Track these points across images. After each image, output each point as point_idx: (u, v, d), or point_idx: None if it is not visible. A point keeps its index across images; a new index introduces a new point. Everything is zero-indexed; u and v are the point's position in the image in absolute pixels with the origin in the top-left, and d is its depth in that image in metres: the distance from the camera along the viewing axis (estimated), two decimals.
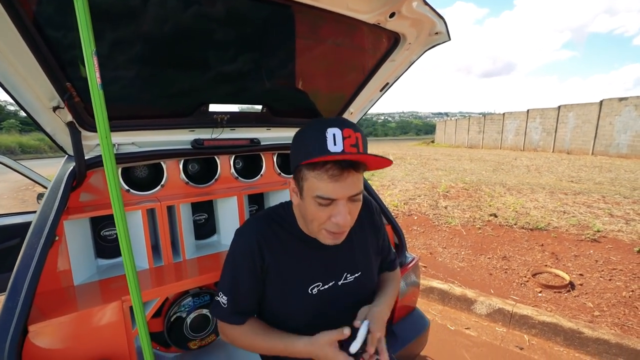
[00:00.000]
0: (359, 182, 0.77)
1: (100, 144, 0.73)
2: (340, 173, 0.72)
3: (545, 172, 8.99)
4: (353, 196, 0.77)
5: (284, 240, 0.91)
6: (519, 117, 19.14)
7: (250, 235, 0.89)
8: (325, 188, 0.74)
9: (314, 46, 1.29)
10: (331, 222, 0.78)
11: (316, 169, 0.74)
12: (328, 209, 0.77)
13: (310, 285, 0.90)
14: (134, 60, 1.03)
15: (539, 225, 3.88)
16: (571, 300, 2.62)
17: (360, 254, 0.99)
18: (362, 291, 0.99)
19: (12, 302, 0.83)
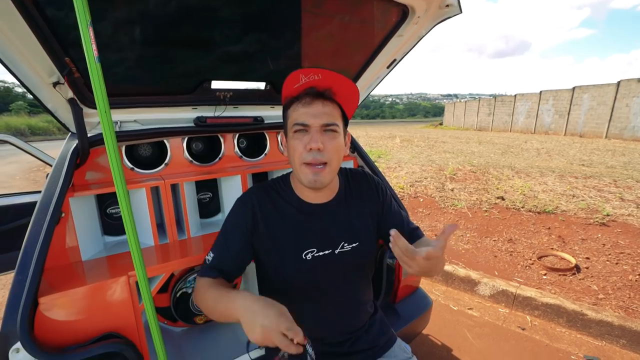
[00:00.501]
0: (331, 113, 0.85)
1: (100, 119, 0.72)
2: (312, 100, 0.84)
3: (555, 155, 8.81)
4: (326, 125, 0.84)
5: (281, 207, 0.94)
6: (530, 98, 18.60)
7: (247, 202, 0.93)
8: (299, 115, 0.84)
9: (319, 21, 1.24)
10: (306, 151, 0.84)
11: (293, 104, 0.86)
12: (305, 138, 0.84)
13: (304, 251, 0.91)
14: (136, 37, 1.00)
15: (547, 209, 3.83)
16: (576, 283, 2.62)
17: (359, 225, 0.99)
18: (359, 261, 0.99)
19: (22, 276, 0.86)
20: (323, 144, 0.83)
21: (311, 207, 0.96)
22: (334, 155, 0.87)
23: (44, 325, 0.86)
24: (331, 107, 0.86)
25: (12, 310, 0.82)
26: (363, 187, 1.05)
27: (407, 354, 1.09)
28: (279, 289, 0.96)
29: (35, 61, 0.88)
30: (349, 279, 0.99)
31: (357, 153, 1.70)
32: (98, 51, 0.72)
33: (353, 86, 0.86)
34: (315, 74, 0.81)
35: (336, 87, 0.85)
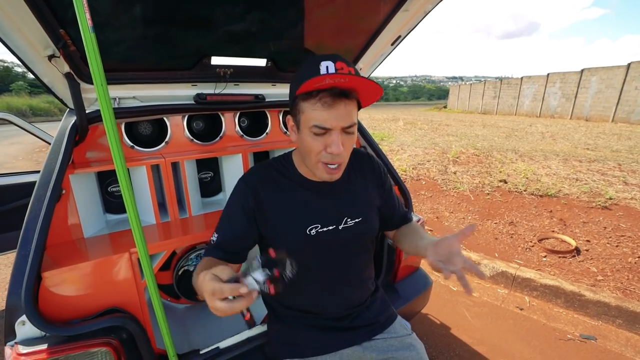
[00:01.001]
0: (352, 113, 0.80)
1: (96, 92, 0.70)
2: (333, 101, 0.75)
3: (560, 139, 8.70)
4: (346, 127, 0.80)
5: (284, 184, 0.94)
6: (537, 81, 18.20)
7: (249, 181, 0.93)
8: (320, 117, 0.77)
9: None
10: (326, 152, 0.81)
11: (310, 99, 0.77)
12: (323, 138, 0.80)
13: (308, 226, 0.92)
14: (134, 10, 0.97)
15: (549, 192, 3.82)
16: (575, 265, 2.64)
17: (362, 201, 1.00)
18: (362, 237, 1.01)
19: (25, 251, 0.86)
20: (343, 145, 0.81)
21: (314, 184, 0.96)
22: (349, 153, 0.87)
23: (48, 299, 0.87)
24: (351, 105, 0.79)
25: (16, 285, 0.83)
26: (365, 166, 1.06)
27: (407, 331, 1.11)
28: None
29: (29, 33, 0.85)
30: (352, 254, 1.00)
31: (360, 133, 1.68)
32: (93, 22, 0.69)
33: (377, 89, 0.77)
34: (342, 78, 0.72)
35: (361, 89, 0.78)
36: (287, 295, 1.01)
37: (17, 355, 0.79)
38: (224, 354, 1.09)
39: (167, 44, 1.11)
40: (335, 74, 0.74)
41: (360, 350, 1.01)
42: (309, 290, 0.99)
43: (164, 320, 0.94)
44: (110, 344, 0.87)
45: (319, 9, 1.25)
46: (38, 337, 0.83)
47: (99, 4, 0.90)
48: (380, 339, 1.04)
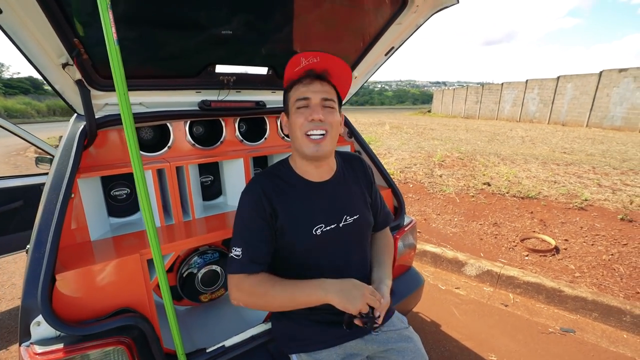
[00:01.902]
0: (329, 91, 0.95)
1: (119, 101, 0.74)
2: (311, 81, 0.93)
3: (539, 143, 9.08)
4: (325, 99, 0.93)
5: (286, 189, 1.00)
6: (517, 87, 18.91)
7: (255, 189, 0.98)
8: (303, 92, 0.93)
9: (319, 9, 1.26)
10: (308, 121, 0.92)
11: (295, 85, 0.95)
12: (306, 111, 0.93)
13: (314, 227, 0.98)
14: (142, 20, 1.01)
15: (530, 194, 4.00)
16: (555, 263, 2.79)
17: (357, 199, 1.09)
18: (360, 232, 1.09)
19: (39, 253, 0.88)
20: (324, 116, 0.92)
21: (314, 185, 1.02)
22: (332, 126, 0.95)
23: (61, 300, 0.89)
24: (328, 87, 0.95)
25: (32, 286, 0.85)
26: (356, 167, 1.15)
27: (404, 325, 1.18)
28: (287, 264, 1.02)
29: (45, 42, 0.88)
30: (352, 250, 1.07)
31: (355, 138, 1.75)
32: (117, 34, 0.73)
33: (346, 66, 0.95)
34: (314, 57, 0.91)
35: (332, 69, 0.94)
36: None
37: (34, 354, 0.81)
38: (230, 352, 1.13)
39: (174, 53, 1.15)
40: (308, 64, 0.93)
41: (363, 342, 1.07)
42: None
43: (174, 319, 0.98)
44: (124, 343, 0.90)
45: (317, 21, 1.33)
46: (53, 338, 0.86)
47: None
48: (381, 332, 1.11)
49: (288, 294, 0.91)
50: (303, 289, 0.91)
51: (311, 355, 1.04)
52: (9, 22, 0.80)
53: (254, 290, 0.91)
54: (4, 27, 0.80)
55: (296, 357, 1.07)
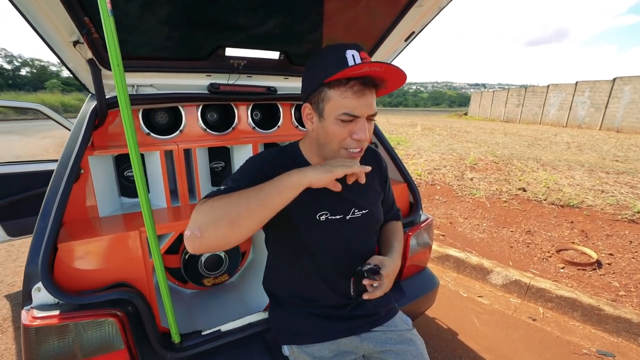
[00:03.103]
0: (374, 102, 0.82)
1: (113, 73, 0.74)
2: (363, 90, 0.77)
3: (587, 149, 8.35)
4: (371, 116, 0.82)
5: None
6: (565, 89, 17.56)
7: (264, 158, 0.92)
8: (350, 104, 0.78)
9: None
10: (351, 139, 0.82)
11: (340, 87, 0.77)
12: (349, 126, 0.81)
13: (318, 212, 0.93)
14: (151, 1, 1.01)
15: (571, 202, 3.67)
16: (596, 278, 2.52)
17: (368, 193, 1.02)
18: (368, 227, 1.03)
19: (43, 223, 0.92)
20: (369, 134, 0.83)
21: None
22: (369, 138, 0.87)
23: (62, 270, 0.92)
24: (375, 95, 0.82)
25: (34, 254, 0.89)
26: (371, 160, 1.07)
27: (408, 326, 1.10)
28: (288, 251, 0.98)
29: (56, 19, 0.92)
30: (356, 245, 1.01)
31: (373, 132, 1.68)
32: (116, 11, 0.74)
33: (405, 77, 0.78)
34: (377, 67, 0.73)
35: (390, 78, 0.78)
36: (289, 283, 1.03)
37: (33, 318, 0.84)
38: (225, 336, 1.12)
39: (184, 34, 1.15)
40: (363, 63, 0.75)
41: (358, 340, 1.01)
42: (311, 279, 0.99)
43: (168, 297, 0.98)
44: (117, 316, 0.91)
45: (332, 3, 1.27)
46: (51, 304, 0.88)
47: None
48: (379, 331, 1.04)
49: (245, 197, 0.69)
50: (266, 185, 0.71)
51: (302, 348, 0.99)
52: (22, 0, 0.84)
53: (214, 203, 0.70)
54: (17, 4, 0.84)
55: (287, 348, 1.03)
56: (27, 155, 7.50)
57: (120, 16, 1.01)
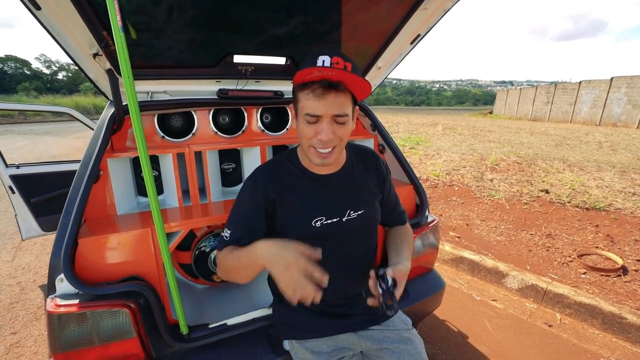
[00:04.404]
0: (343, 104, 0.84)
1: (124, 84, 0.81)
2: (323, 92, 0.81)
3: (621, 149, 7.88)
4: (337, 116, 0.84)
5: (290, 179, 0.99)
6: (598, 86, 16.62)
7: (257, 178, 0.98)
8: (312, 106, 0.83)
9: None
10: (316, 138, 0.86)
11: (304, 90, 0.83)
12: (315, 126, 0.86)
13: (314, 218, 0.96)
14: (163, 11, 1.08)
15: (598, 205, 3.50)
16: (620, 285, 2.40)
17: (364, 194, 1.04)
18: (365, 228, 1.05)
19: (66, 220, 1.01)
20: (334, 133, 0.85)
21: (319, 177, 1.00)
22: (342, 140, 0.90)
23: (82, 263, 1.01)
24: (342, 97, 0.84)
25: (58, 248, 0.98)
26: (368, 161, 1.10)
27: (407, 326, 1.11)
28: None
29: (77, 34, 1.00)
30: (354, 246, 1.04)
31: (378, 132, 1.69)
32: (125, 23, 0.81)
33: (365, 84, 0.83)
34: (329, 71, 0.78)
35: (348, 82, 0.82)
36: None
37: (56, 306, 0.93)
38: (230, 330, 1.18)
39: (194, 43, 1.22)
40: (329, 67, 0.80)
41: (355, 337, 1.04)
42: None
43: (176, 291, 1.05)
44: (129, 307, 0.98)
45: (337, 8, 1.30)
46: (72, 294, 0.97)
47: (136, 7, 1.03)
48: (376, 329, 1.06)
49: (235, 260, 0.87)
50: (246, 250, 0.85)
51: (302, 342, 1.03)
52: (47, 17, 0.93)
53: (221, 261, 0.93)
54: (43, 21, 0.93)
55: (288, 343, 1.08)
56: (61, 154, 8.00)
57: (137, 28, 1.09)
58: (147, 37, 1.14)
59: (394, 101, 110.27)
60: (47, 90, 35.26)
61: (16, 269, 2.88)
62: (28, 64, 44.57)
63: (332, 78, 0.80)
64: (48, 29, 0.95)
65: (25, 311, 2.30)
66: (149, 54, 1.19)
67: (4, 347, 1.97)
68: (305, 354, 1.02)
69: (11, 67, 42.62)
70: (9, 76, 40.90)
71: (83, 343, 0.96)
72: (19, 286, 2.61)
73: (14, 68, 42.83)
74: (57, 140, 11.30)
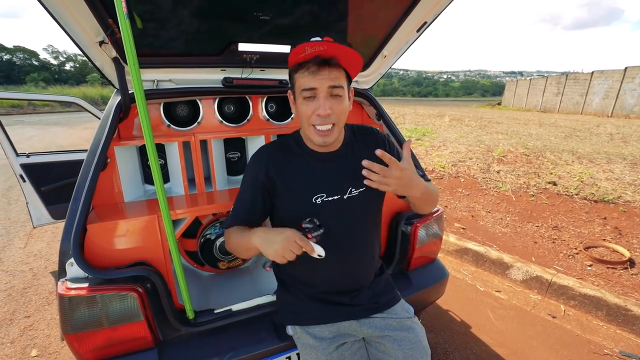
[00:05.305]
0: (337, 77, 0.88)
1: (130, 72, 0.82)
2: (317, 68, 0.86)
3: (633, 141, 7.71)
4: (332, 87, 0.88)
5: (291, 158, 1.02)
6: (611, 76, 16.18)
7: (259, 157, 1.02)
8: (309, 81, 0.87)
9: None
10: (315, 115, 0.89)
11: (300, 70, 0.89)
12: (313, 103, 0.89)
13: (314, 195, 0.98)
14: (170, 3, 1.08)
15: (606, 198, 3.45)
16: (626, 277, 2.39)
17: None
18: (367, 206, 1.05)
19: (75, 207, 1.03)
20: (331, 109, 0.88)
21: (320, 155, 1.01)
22: (340, 117, 0.92)
23: (91, 248, 1.03)
24: (336, 72, 0.88)
25: (67, 233, 1.00)
26: (369, 138, 1.09)
27: (409, 315, 1.12)
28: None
29: (84, 21, 1.01)
30: (357, 225, 1.04)
31: (383, 121, 1.68)
32: (131, 11, 0.81)
33: (356, 55, 0.87)
34: (320, 46, 0.83)
35: (340, 56, 0.87)
36: (293, 268, 1.07)
37: (67, 289, 0.96)
38: (235, 315, 1.20)
39: (199, 31, 1.22)
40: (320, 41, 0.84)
41: (357, 324, 1.05)
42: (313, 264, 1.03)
43: (182, 277, 1.07)
44: (137, 291, 1.01)
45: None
46: (82, 277, 1.00)
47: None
48: (378, 317, 1.08)
49: (236, 240, 0.98)
50: (246, 234, 0.94)
51: (305, 328, 1.05)
52: (53, 5, 0.93)
53: (226, 237, 1.03)
54: (49, 8, 0.93)
55: (291, 328, 1.10)
56: (70, 144, 8.10)
57: (143, 17, 1.09)
58: (153, 25, 1.14)
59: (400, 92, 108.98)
60: (55, 81, 35.57)
61: (28, 255, 2.96)
62: (36, 55, 44.90)
63: (325, 53, 0.84)
64: (55, 16, 0.96)
65: (38, 296, 2.38)
66: (154, 42, 1.19)
67: (19, 329, 2.04)
68: (308, 339, 1.04)
69: (20, 58, 42.98)
70: (17, 67, 41.29)
71: (93, 325, 0.99)
72: (32, 272, 2.68)
73: (22, 59, 43.18)
74: (65, 130, 11.44)
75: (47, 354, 1.86)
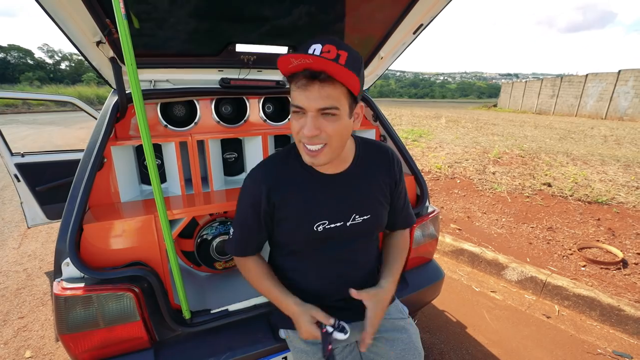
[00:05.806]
0: (329, 95, 0.76)
1: (127, 72, 0.82)
2: (307, 83, 0.75)
3: (626, 143, 7.81)
4: (323, 109, 0.77)
5: (293, 178, 0.94)
6: (605, 79, 16.39)
7: (258, 178, 0.94)
8: (297, 98, 0.78)
9: None
10: (302, 133, 0.80)
11: (293, 81, 0.79)
12: (301, 120, 0.80)
13: (316, 222, 0.93)
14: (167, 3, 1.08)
15: (600, 199, 3.50)
16: (619, 278, 2.42)
17: (372, 196, 0.99)
18: (369, 232, 1.02)
19: (71, 206, 1.03)
20: (319, 129, 0.79)
21: (323, 177, 0.94)
22: (333, 137, 0.81)
23: (87, 248, 1.03)
24: (330, 88, 0.75)
25: (63, 232, 1.00)
26: (378, 158, 1.02)
27: (403, 315, 1.12)
28: (287, 252, 1.03)
29: (81, 21, 1.00)
30: (357, 249, 1.02)
31: (380, 122, 1.69)
32: (128, 11, 0.81)
33: (351, 75, 0.73)
34: (306, 59, 0.71)
35: (331, 71, 0.73)
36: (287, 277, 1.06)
37: (62, 289, 0.95)
38: (232, 316, 1.20)
39: (196, 31, 1.22)
40: (308, 54, 0.72)
41: (350, 327, 1.05)
42: (310, 275, 1.03)
43: (179, 277, 1.07)
44: (133, 291, 1.00)
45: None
46: (78, 277, 0.99)
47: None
48: None
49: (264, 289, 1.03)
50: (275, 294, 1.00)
51: (296, 332, 1.04)
52: (51, 4, 0.93)
53: (244, 272, 1.07)
54: (47, 9, 0.93)
55: (284, 332, 1.10)
56: (65, 144, 8.04)
57: (140, 17, 1.10)
58: (150, 26, 1.14)
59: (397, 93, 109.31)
60: (50, 80, 35.32)
61: (22, 256, 2.94)
62: (31, 54, 44.57)
63: (312, 67, 0.72)
64: (52, 16, 0.95)
65: (32, 297, 2.36)
66: (151, 43, 1.19)
67: (12, 330, 2.03)
68: (300, 343, 1.03)
69: (14, 57, 42.65)
70: (12, 66, 40.97)
71: (88, 325, 0.98)
72: (25, 273, 2.66)
73: (17, 58, 42.85)
74: (60, 130, 11.35)
75: (41, 355, 1.85)
